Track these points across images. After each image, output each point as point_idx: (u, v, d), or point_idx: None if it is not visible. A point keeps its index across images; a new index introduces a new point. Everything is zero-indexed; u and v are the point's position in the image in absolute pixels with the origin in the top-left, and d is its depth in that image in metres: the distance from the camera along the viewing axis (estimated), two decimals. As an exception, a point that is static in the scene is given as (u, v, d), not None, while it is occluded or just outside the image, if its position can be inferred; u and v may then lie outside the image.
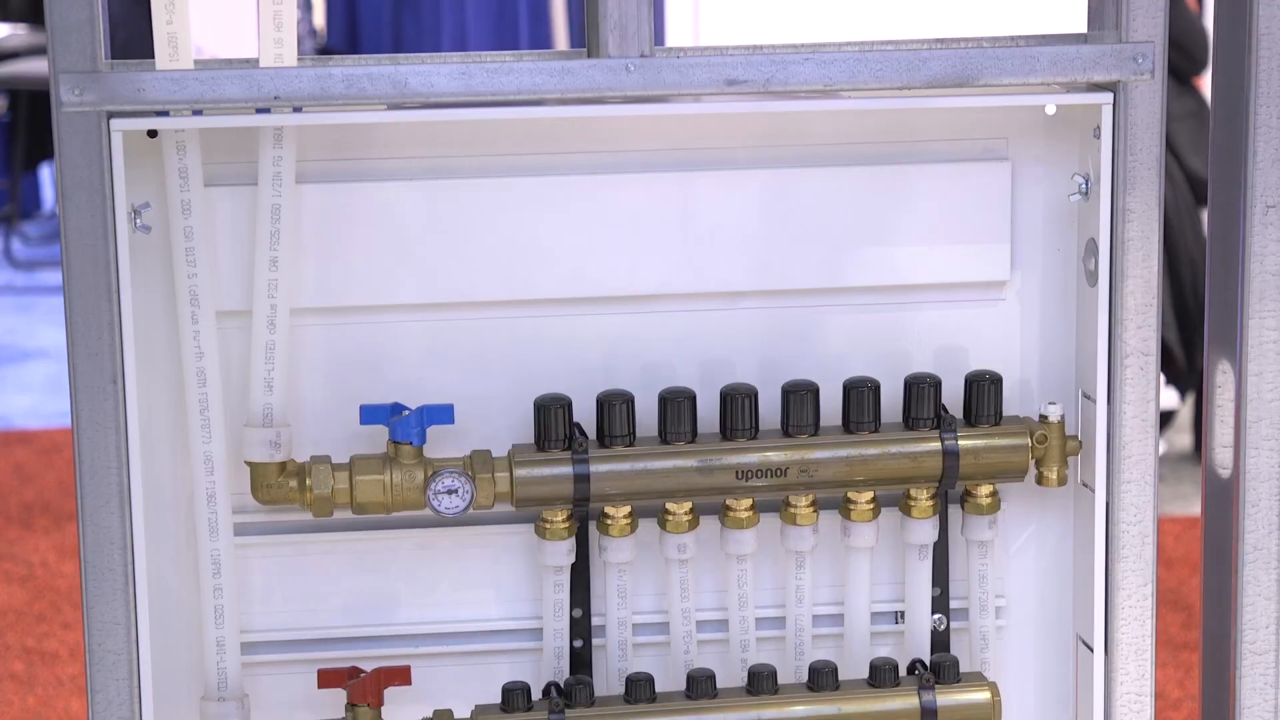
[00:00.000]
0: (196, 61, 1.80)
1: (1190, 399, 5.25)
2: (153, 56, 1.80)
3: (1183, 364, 5.04)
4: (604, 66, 1.81)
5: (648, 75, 1.81)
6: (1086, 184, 1.92)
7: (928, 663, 1.97)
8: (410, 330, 1.92)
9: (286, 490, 1.88)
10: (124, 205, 1.79)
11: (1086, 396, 1.95)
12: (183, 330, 1.85)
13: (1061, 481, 1.96)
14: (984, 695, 1.96)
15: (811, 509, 1.95)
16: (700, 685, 1.93)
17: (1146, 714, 1.95)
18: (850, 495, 1.95)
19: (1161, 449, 5.02)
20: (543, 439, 1.89)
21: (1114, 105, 1.87)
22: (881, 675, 1.95)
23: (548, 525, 1.92)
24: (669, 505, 1.93)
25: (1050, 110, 1.93)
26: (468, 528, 1.96)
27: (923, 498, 1.96)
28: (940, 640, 2.00)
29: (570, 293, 1.93)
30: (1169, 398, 5.12)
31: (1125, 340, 1.90)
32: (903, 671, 1.97)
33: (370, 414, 1.88)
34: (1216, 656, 2.00)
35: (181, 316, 1.85)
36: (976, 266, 1.96)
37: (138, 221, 1.84)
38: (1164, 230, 1.83)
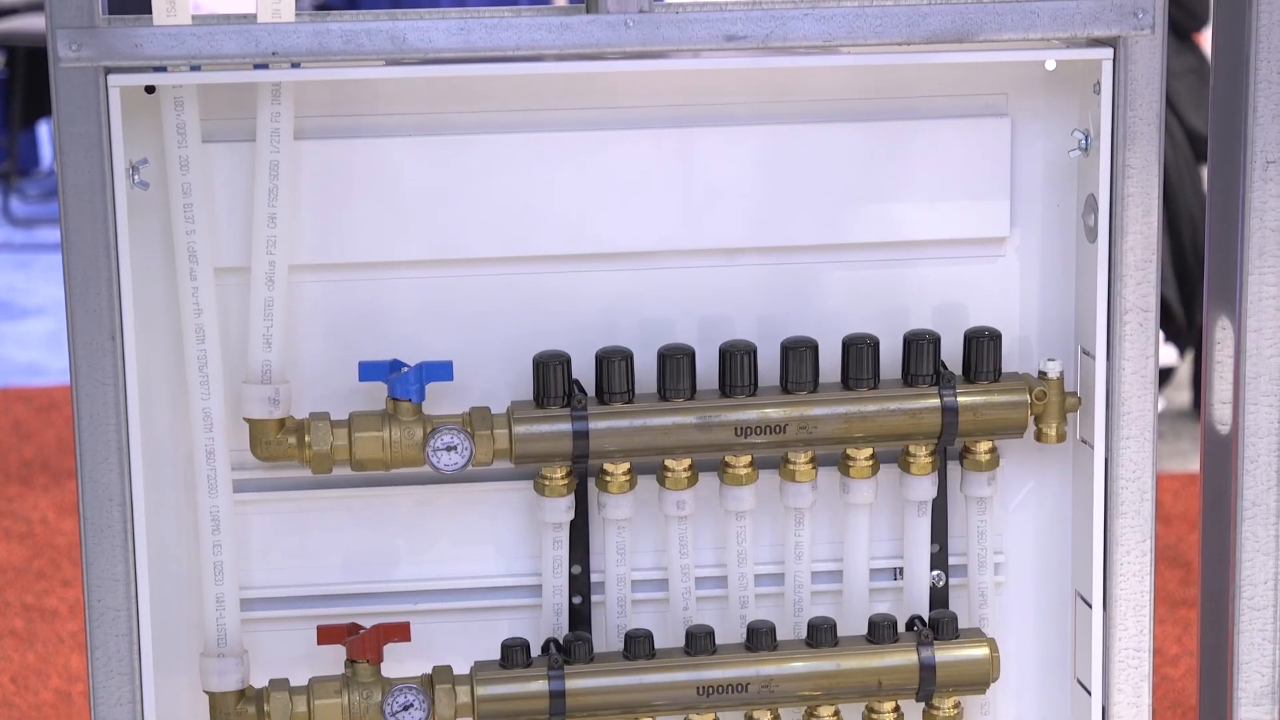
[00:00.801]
0: (194, 17, 1.80)
1: (1189, 356, 5.25)
2: (150, 12, 1.79)
3: (1182, 321, 5.04)
4: (603, 22, 1.80)
5: (647, 31, 1.81)
6: (1086, 140, 1.92)
7: (926, 619, 1.98)
8: (409, 287, 1.92)
9: (285, 447, 1.88)
10: (122, 161, 1.79)
11: (1085, 353, 1.95)
12: (181, 287, 1.85)
13: (1060, 438, 1.96)
14: (982, 651, 1.96)
15: (810, 465, 1.95)
16: (699, 641, 1.93)
17: (1144, 670, 1.96)
18: (849, 452, 1.95)
19: (1160, 406, 5.03)
20: (542, 396, 1.89)
21: (1114, 61, 1.86)
22: (880, 631, 1.95)
23: (547, 482, 1.92)
24: (668, 462, 1.93)
25: (1050, 66, 1.92)
26: (467, 484, 1.96)
27: (922, 454, 1.96)
28: (939, 596, 2.01)
29: (569, 249, 1.93)
30: (1167, 355, 5.12)
31: (1124, 296, 1.90)
32: (901, 628, 1.97)
33: (369, 370, 1.88)
34: (1215, 612, 2.00)
35: (180, 273, 1.84)
36: (976, 223, 1.96)
37: (136, 178, 1.83)
38: (1163, 187, 1.82)
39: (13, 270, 6.96)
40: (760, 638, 1.94)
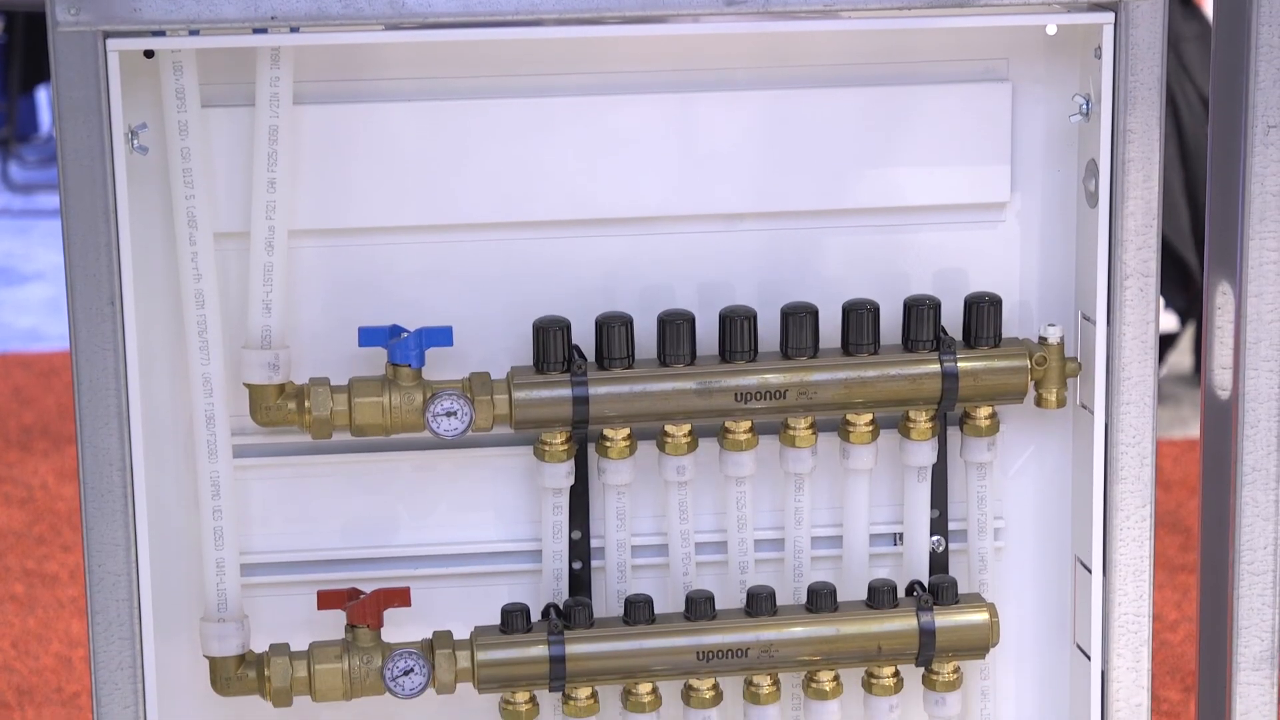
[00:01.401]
0: (193, -19, 1.79)
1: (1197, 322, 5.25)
2: (149, -24, 1.79)
3: (1200, 286, 5.04)
4: (603, -14, 1.80)
5: (647, -5, 1.80)
6: (1087, 104, 1.91)
7: (926, 584, 1.98)
8: (409, 252, 1.92)
9: (285, 412, 1.88)
10: (121, 126, 1.78)
11: (1086, 318, 1.95)
12: (181, 252, 1.84)
13: (1060, 403, 1.96)
14: (982, 616, 1.96)
15: (810, 431, 1.95)
16: (699, 607, 1.93)
17: (1144, 635, 1.96)
18: (849, 417, 1.95)
19: (1160, 371, 5.02)
20: (541, 361, 1.89)
21: (1115, 25, 1.86)
22: (880, 597, 1.95)
23: (547, 447, 1.92)
24: (668, 427, 1.93)
25: (1051, 30, 1.92)
26: (467, 450, 1.96)
27: (922, 419, 1.96)
28: (939, 562, 2.01)
29: (569, 215, 1.92)
30: (1168, 321, 5.11)
31: (1125, 261, 1.90)
32: (901, 593, 1.98)
33: (369, 336, 1.88)
34: (1214, 578, 2.00)
35: (179, 238, 1.84)
36: (976, 188, 1.95)
37: (135, 142, 1.83)
38: (1182, 153, 1.82)
39: (12, 236, 6.96)
40: (760, 603, 1.94)
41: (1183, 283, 4.98)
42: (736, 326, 1.90)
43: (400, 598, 1.91)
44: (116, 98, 1.77)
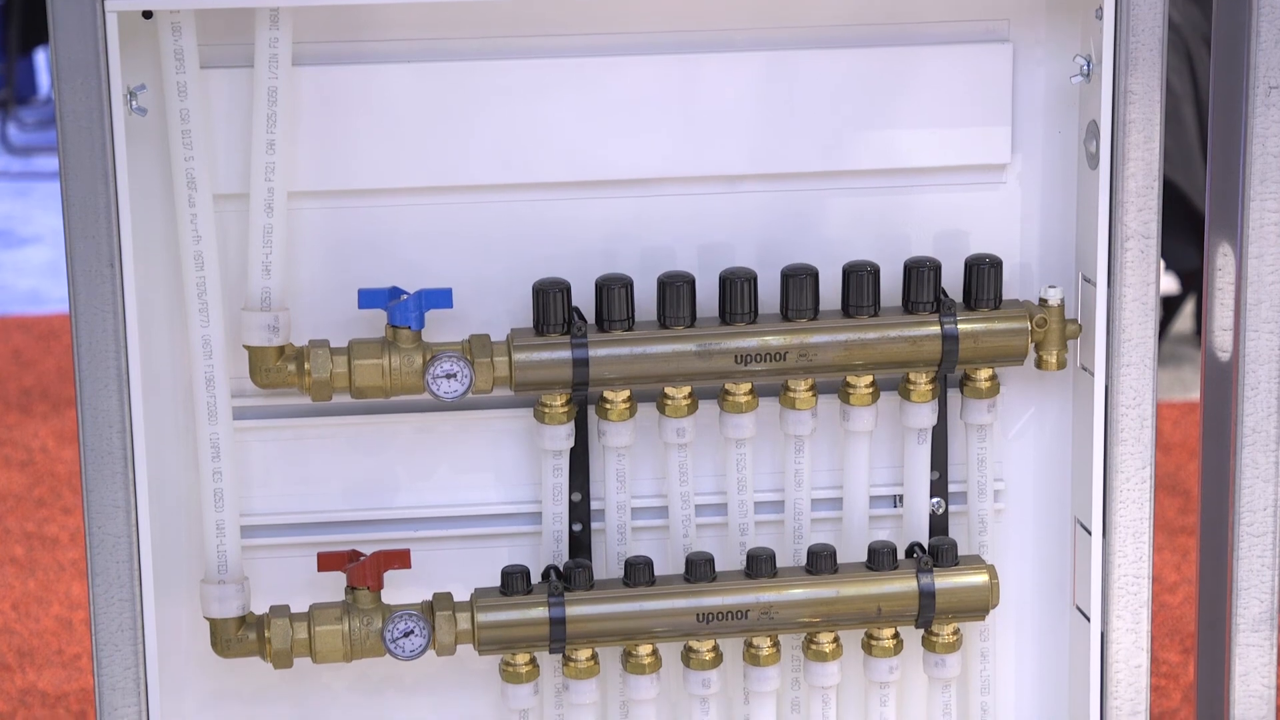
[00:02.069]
0: (191, -58, 1.79)
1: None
2: (147, -63, 1.78)
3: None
4: (602, -53, 1.79)
5: (646, -44, 1.80)
6: (1088, 65, 1.91)
7: (926, 546, 1.98)
8: (408, 214, 1.92)
9: (285, 374, 1.88)
10: (119, 88, 1.78)
11: (1086, 280, 1.95)
12: (180, 213, 1.84)
13: (1061, 365, 1.96)
14: (982, 578, 1.96)
15: (810, 393, 1.95)
16: (699, 568, 1.93)
17: (1144, 596, 1.96)
18: (849, 379, 1.95)
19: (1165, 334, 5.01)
20: (541, 323, 1.89)
21: (1116, -14, 1.86)
22: (880, 558, 1.95)
23: (547, 409, 1.92)
24: (668, 389, 1.93)
25: (1052, -9, 1.91)
26: (467, 412, 1.96)
27: (922, 381, 1.96)
28: (939, 524, 2.01)
29: (569, 176, 1.92)
30: (1168, 284, 5.11)
31: (1125, 223, 1.90)
32: (901, 555, 1.98)
33: (368, 298, 1.88)
34: (1214, 540, 2.00)
35: (179, 200, 1.84)
36: (977, 149, 1.95)
37: (133, 104, 1.83)
38: (1198, 109, 1.82)
39: (11, 198, 6.95)
40: (760, 565, 1.94)
41: (1199, 240, 4.98)
42: (736, 288, 1.90)
43: (400, 560, 1.91)
44: (115, 59, 1.77)
